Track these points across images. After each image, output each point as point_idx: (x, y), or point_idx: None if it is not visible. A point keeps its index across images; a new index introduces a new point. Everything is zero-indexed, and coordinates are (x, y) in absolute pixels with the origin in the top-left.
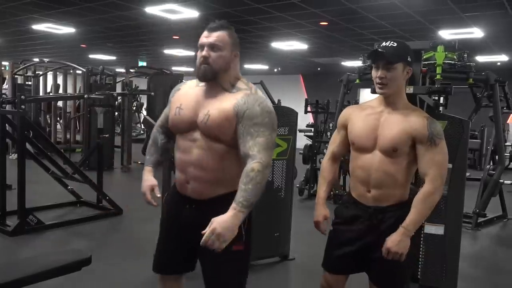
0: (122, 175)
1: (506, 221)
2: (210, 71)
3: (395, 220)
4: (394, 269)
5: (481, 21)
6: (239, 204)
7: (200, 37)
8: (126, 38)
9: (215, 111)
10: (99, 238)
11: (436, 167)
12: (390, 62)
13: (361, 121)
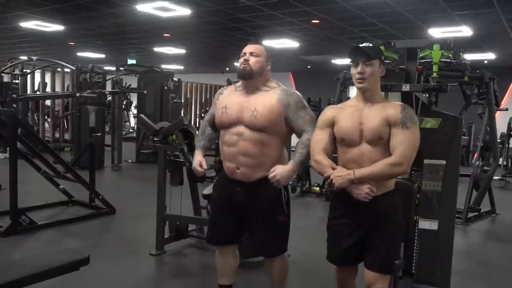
0: (113, 174)
1: (495, 216)
2: (249, 70)
3: (388, 207)
4: (388, 253)
5: (470, 19)
6: (296, 161)
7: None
8: (116, 36)
9: (261, 107)
10: (92, 237)
11: (404, 146)
12: (369, 58)
13: (346, 118)
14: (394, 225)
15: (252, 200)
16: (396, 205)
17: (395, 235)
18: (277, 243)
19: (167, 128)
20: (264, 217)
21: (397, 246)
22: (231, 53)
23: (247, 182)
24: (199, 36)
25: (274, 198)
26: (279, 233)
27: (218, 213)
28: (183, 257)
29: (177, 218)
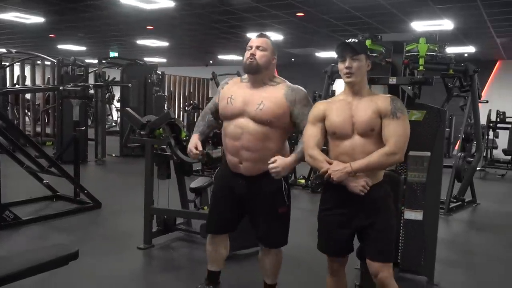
0: (97, 168)
1: (476, 206)
2: (256, 65)
3: (379, 196)
4: (386, 242)
5: (452, 13)
6: (296, 155)
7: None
8: (98, 28)
9: (267, 101)
10: (79, 232)
11: (397, 136)
12: (355, 53)
13: (336, 112)
14: (388, 214)
15: (253, 193)
16: (387, 195)
17: (390, 224)
18: (280, 235)
19: (154, 122)
20: (266, 209)
21: (393, 233)
22: (215, 46)
23: (249, 175)
24: (183, 28)
25: (275, 191)
26: (281, 225)
27: (218, 204)
28: (172, 250)
29: (165, 211)
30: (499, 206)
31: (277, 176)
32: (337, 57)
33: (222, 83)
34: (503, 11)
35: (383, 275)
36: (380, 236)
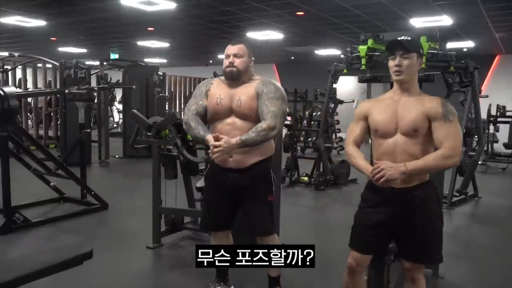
0: (101, 170)
1: (478, 199)
2: (236, 72)
3: (423, 196)
4: (426, 243)
5: (450, 9)
6: (240, 139)
7: (225, 50)
8: (99, 30)
9: (244, 96)
10: (88, 233)
11: (452, 139)
12: (407, 51)
13: (381, 110)
14: (429, 216)
15: (244, 184)
16: (431, 195)
17: (431, 226)
18: (269, 221)
19: (160, 123)
20: (256, 196)
21: (434, 236)
22: (215, 45)
23: (239, 168)
24: (183, 29)
25: (265, 180)
26: (271, 212)
27: (211, 201)
28: (180, 249)
29: (173, 211)
30: (500, 199)
31: (218, 155)
32: (387, 54)
33: (206, 84)
34: (501, 6)
35: (414, 273)
36: (418, 237)
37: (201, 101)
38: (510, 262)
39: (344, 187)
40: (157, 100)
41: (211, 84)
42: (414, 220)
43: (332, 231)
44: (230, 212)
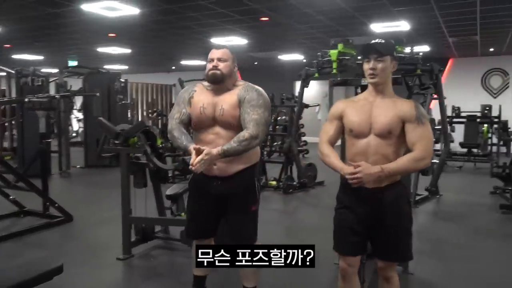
0: (62, 181)
1: (439, 197)
2: (220, 75)
3: (395, 196)
4: (397, 241)
5: (408, 14)
6: (221, 150)
7: (209, 54)
8: (57, 36)
9: (226, 104)
10: (54, 247)
11: (424, 141)
12: (381, 55)
13: (356, 111)
14: (400, 215)
15: (228, 192)
16: (402, 195)
17: (402, 225)
18: (252, 231)
19: (128, 131)
20: (240, 207)
21: (405, 234)
22: (179, 52)
23: (223, 176)
24: (146, 35)
25: (249, 189)
26: (253, 221)
27: (195, 209)
28: (152, 259)
29: (144, 220)
30: (459, 196)
31: (199, 167)
32: (362, 57)
33: (189, 91)
34: (455, 12)
35: (387, 271)
36: (390, 236)
37: (184, 109)
38: (475, 256)
39: (311, 190)
40: (119, 107)
41: (194, 91)
42: (386, 219)
43: (304, 233)
44: (214, 220)
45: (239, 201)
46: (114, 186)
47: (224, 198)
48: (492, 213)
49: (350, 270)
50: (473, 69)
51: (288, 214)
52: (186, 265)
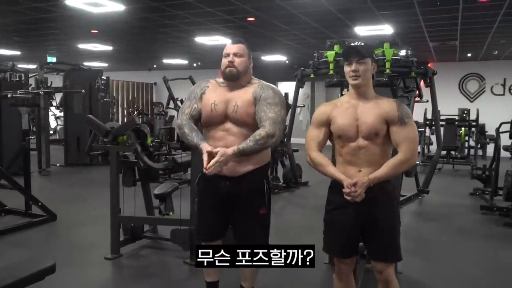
0: (42, 179)
1: (421, 198)
2: (236, 72)
3: (384, 196)
4: (390, 241)
5: (392, 18)
6: (238, 149)
7: (225, 48)
8: (37, 31)
9: (240, 101)
10: (38, 247)
11: (407, 141)
12: (362, 57)
13: (342, 116)
14: (391, 215)
15: (237, 193)
16: (391, 195)
17: (393, 224)
18: (260, 236)
19: (118, 129)
20: (248, 209)
21: (395, 233)
22: (162, 50)
23: (232, 176)
24: (130, 33)
25: (257, 191)
26: (261, 226)
27: (204, 209)
28: (141, 258)
29: (134, 219)
30: (440, 197)
31: (213, 170)
32: (343, 60)
33: (202, 86)
34: (437, 17)
35: (386, 274)
36: (384, 237)
37: (196, 104)
38: (457, 255)
39: (297, 190)
40: (101, 105)
41: (206, 87)
42: (378, 220)
43: (291, 233)
44: (222, 221)
45: (247, 203)
46: (96, 184)
47: (233, 199)
48: (473, 213)
49: (347, 271)
50: (451, 74)
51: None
52: (176, 264)
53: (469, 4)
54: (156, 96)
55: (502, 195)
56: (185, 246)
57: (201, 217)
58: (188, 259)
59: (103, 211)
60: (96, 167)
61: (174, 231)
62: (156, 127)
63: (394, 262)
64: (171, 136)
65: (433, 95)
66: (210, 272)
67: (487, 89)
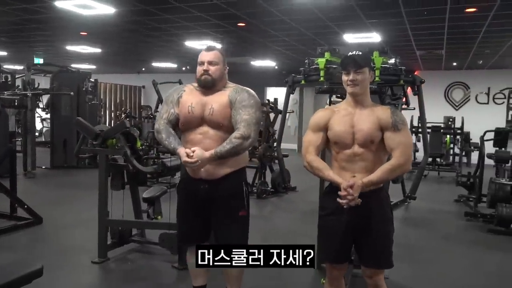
0: (28, 182)
1: (407, 204)
2: (211, 80)
3: (378, 202)
4: (383, 248)
5: (380, 27)
6: (215, 152)
7: (199, 56)
8: (25, 32)
9: (216, 104)
10: (24, 250)
11: (401, 146)
12: (360, 66)
13: (339, 122)
14: (384, 221)
15: (215, 196)
16: (385, 201)
17: (386, 230)
18: (239, 238)
19: (108, 132)
20: (227, 212)
21: (388, 240)
22: (151, 53)
23: (211, 179)
24: (119, 35)
25: (236, 193)
26: (241, 228)
27: (185, 214)
28: (129, 262)
29: (122, 223)
30: (426, 204)
31: (193, 165)
32: (341, 69)
33: (179, 91)
34: (424, 26)
35: (376, 279)
36: (377, 243)
37: (173, 109)
38: (444, 260)
39: (285, 195)
40: (89, 107)
41: (183, 91)
42: (371, 225)
43: (280, 237)
44: (203, 225)
45: (226, 205)
46: (83, 187)
47: (212, 202)
48: (458, 220)
49: (338, 276)
50: (437, 82)
51: (263, 219)
52: (164, 269)
53: (455, 14)
54: (144, 99)
55: (486, 202)
56: (173, 250)
57: (182, 221)
58: (176, 263)
59: (90, 214)
60: (83, 170)
61: (162, 235)
62: (144, 131)
63: (386, 268)
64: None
65: (420, 103)
66: (198, 277)
67: (472, 98)
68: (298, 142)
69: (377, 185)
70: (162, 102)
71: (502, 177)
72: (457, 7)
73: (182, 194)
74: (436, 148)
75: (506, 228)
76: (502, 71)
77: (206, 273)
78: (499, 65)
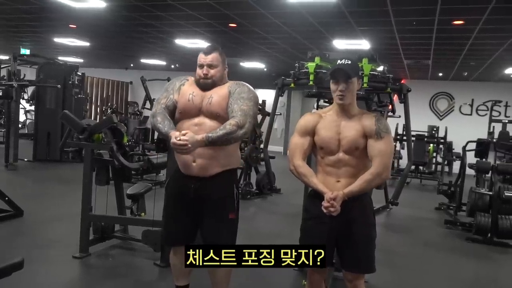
0: (9, 174)
1: (389, 210)
2: (211, 82)
3: (361, 207)
4: (365, 252)
5: (370, 34)
6: (206, 136)
7: (198, 57)
8: (12, 22)
9: (216, 95)
10: (3, 243)
11: (381, 156)
12: (349, 77)
13: (326, 128)
14: (366, 225)
15: (206, 195)
16: (368, 206)
17: (369, 235)
18: (227, 240)
19: (95, 126)
20: (217, 213)
21: (370, 245)
22: (140, 50)
23: (202, 177)
24: (109, 30)
25: (227, 195)
26: (230, 230)
27: (173, 212)
28: (111, 258)
29: (105, 218)
30: (407, 210)
31: (183, 150)
32: (330, 78)
33: (181, 79)
34: (413, 36)
35: (357, 283)
36: (359, 248)
37: (172, 95)
38: (423, 267)
39: (269, 197)
40: (75, 101)
41: (186, 80)
42: (353, 230)
43: (263, 238)
44: (191, 225)
45: (216, 206)
46: (66, 181)
47: (202, 202)
48: (438, 227)
49: (319, 280)
50: (423, 91)
51: (246, 220)
52: (145, 266)
53: (443, 25)
54: (132, 95)
55: (465, 211)
56: (156, 248)
57: (169, 220)
58: (158, 260)
59: (72, 208)
60: (66, 164)
61: (145, 232)
62: (130, 127)
63: (367, 273)
64: (145, 136)
65: (406, 111)
66: (180, 276)
67: (456, 108)
68: (284, 144)
69: (358, 194)
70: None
71: (482, 187)
72: (445, 19)
73: (172, 192)
74: (419, 156)
75: (483, 236)
76: (486, 84)
77: (189, 273)
78: (483, 78)
